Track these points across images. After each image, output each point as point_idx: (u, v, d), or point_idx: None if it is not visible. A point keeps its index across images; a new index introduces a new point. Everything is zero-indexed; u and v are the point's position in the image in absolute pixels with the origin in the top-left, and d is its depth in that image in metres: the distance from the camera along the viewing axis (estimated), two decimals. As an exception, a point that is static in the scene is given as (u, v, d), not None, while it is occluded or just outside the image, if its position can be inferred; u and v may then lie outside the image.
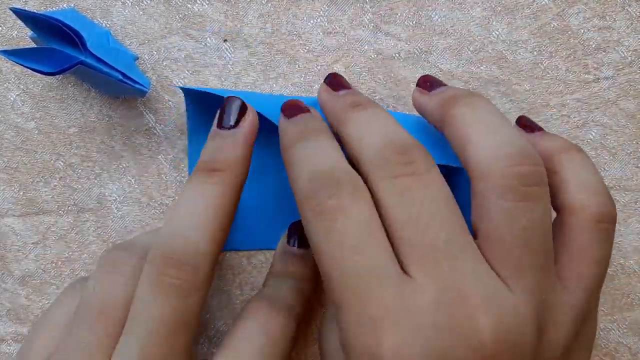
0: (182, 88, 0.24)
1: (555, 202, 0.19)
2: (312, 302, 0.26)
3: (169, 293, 0.18)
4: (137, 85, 0.23)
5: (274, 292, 0.23)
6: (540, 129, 0.22)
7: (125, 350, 0.19)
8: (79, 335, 0.19)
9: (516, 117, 0.24)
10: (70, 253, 0.26)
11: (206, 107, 0.25)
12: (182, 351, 0.19)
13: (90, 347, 0.19)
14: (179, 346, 0.19)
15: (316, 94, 0.25)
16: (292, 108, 0.21)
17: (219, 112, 0.21)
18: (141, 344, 0.18)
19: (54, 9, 0.25)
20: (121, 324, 0.19)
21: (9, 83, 0.26)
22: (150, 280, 0.19)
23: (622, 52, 0.25)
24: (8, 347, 0.27)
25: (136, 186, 0.26)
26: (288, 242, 0.24)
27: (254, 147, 0.20)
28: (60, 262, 0.26)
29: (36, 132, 0.26)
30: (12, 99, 0.26)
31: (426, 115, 0.21)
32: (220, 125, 0.20)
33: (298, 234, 0.24)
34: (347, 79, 0.25)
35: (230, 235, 0.26)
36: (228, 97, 0.21)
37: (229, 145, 0.20)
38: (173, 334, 0.19)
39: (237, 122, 0.20)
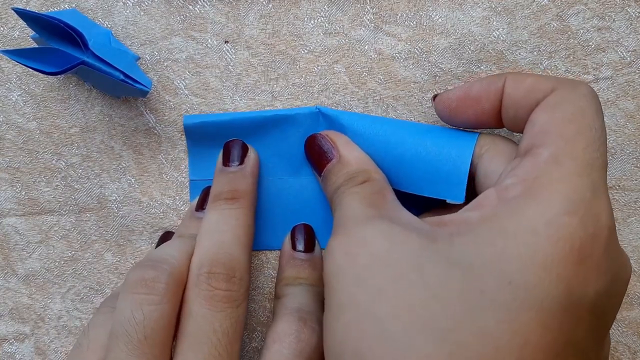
0: (185, 126, 0.25)
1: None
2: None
3: (224, 305, 0.20)
4: (138, 85, 0.23)
5: (297, 303, 0.23)
6: None
7: None
8: None
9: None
10: (73, 252, 0.26)
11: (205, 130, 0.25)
12: (238, 358, 0.20)
13: None
14: (236, 353, 0.20)
15: (316, 94, 0.25)
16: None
17: (222, 154, 0.24)
18: (205, 358, 0.19)
19: (56, 9, 0.26)
20: (167, 345, 0.20)
21: (10, 83, 0.26)
22: (204, 296, 0.20)
23: (621, 52, 0.25)
24: (10, 347, 0.27)
25: (137, 186, 0.26)
26: (294, 248, 0.25)
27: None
28: (63, 262, 0.27)
29: (38, 132, 0.26)
30: (13, 99, 0.26)
31: None
32: (226, 165, 0.24)
33: (304, 238, 0.25)
34: (347, 79, 0.25)
35: None
36: (228, 141, 0.24)
37: (240, 178, 0.23)
38: (231, 342, 0.20)
39: (242, 160, 0.24)
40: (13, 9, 0.22)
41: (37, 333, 0.27)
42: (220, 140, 0.25)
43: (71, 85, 0.26)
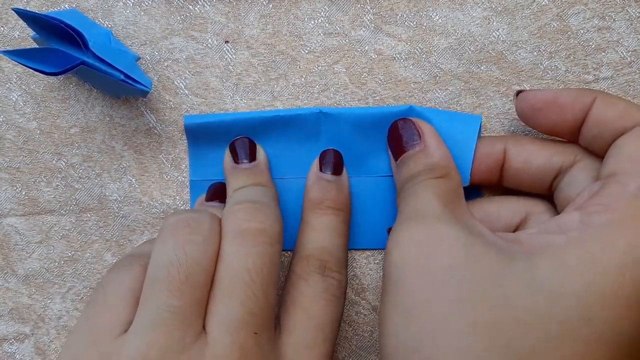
0: (186, 126, 0.25)
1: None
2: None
3: (257, 240, 0.19)
4: (138, 85, 0.23)
5: (321, 239, 0.23)
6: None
7: (223, 310, 0.18)
8: (165, 303, 0.18)
9: (517, 117, 0.24)
10: (73, 252, 0.26)
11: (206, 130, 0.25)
12: (274, 303, 0.19)
13: (182, 313, 0.18)
14: (272, 296, 0.19)
15: (317, 95, 0.25)
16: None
17: (230, 152, 0.24)
18: (241, 300, 0.18)
19: (56, 9, 0.26)
20: (206, 290, 0.19)
21: (11, 83, 0.26)
22: (236, 231, 0.19)
23: (621, 52, 0.25)
24: (10, 347, 0.27)
25: (137, 186, 0.26)
26: (321, 170, 0.24)
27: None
28: (63, 262, 0.27)
29: (38, 132, 0.26)
30: (14, 99, 0.26)
31: None
32: (237, 162, 0.24)
33: (332, 162, 0.24)
34: (347, 79, 0.25)
35: None
36: (235, 139, 0.24)
37: (257, 172, 0.24)
38: (267, 283, 0.19)
39: (250, 156, 0.24)
40: (13, 9, 0.22)
41: (37, 333, 0.27)
42: (220, 140, 0.25)
43: (71, 86, 0.26)
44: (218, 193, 0.25)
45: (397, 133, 0.23)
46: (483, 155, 0.23)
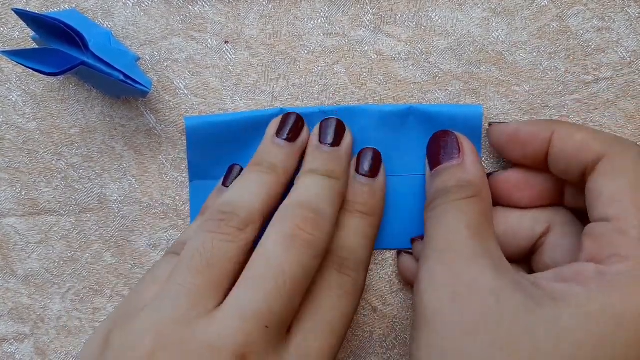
0: (187, 128, 0.25)
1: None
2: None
3: (303, 249, 0.20)
4: (138, 86, 0.23)
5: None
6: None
7: (245, 297, 0.19)
8: (185, 281, 0.19)
9: (517, 118, 0.24)
10: (73, 253, 0.26)
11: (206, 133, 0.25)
12: (296, 309, 0.20)
13: (197, 292, 0.19)
14: (297, 305, 0.20)
15: (316, 95, 0.25)
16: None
17: (318, 128, 0.24)
18: (266, 295, 0.19)
19: (56, 9, 0.26)
20: (229, 277, 0.19)
21: (10, 84, 0.26)
22: (284, 233, 0.20)
23: (621, 53, 0.25)
24: (10, 347, 0.27)
25: (137, 186, 0.26)
26: (357, 170, 0.24)
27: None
28: (62, 262, 0.27)
29: (38, 132, 0.26)
30: (13, 99, 0.26)
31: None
32: (320, 142, 0.24)
33: (369, 162, 0.24)
34: (347, 79, 0.25)
35: None
36: (327, 118, 0.24)
37: (334, 160, 0.23)
38: (296, 291, 0.19)
39: (334, 140, 0.24)
40: (13, 9, 0.22)
41: (37, 333, 0.27)
42: (220, 141, 0.25)
43: (71, 86, 0.26)
44: (232, 176, 0.25)
45: (438, 144, 0.23)
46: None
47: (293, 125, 0.24)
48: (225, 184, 0.25)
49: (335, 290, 0.21)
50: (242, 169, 0.25)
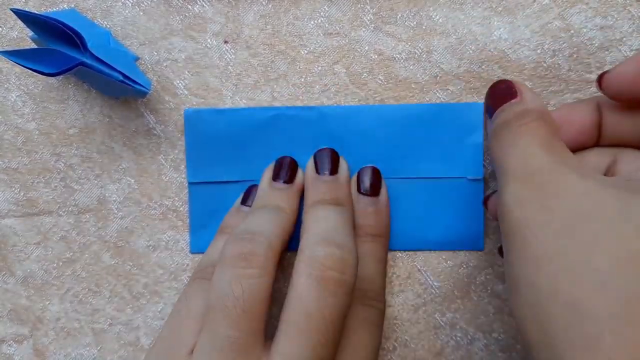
0: (186, 117, 0.25)
1: None
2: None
3: (336, 289, 0.20)
4: (137, 86, 0.23)
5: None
6: None
7: (291, 350, 0.19)
8: (224, 333, 0.19)
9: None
10: (71, 254, 0.26)
11: (205, 125, 0.25)
12: (336, 346, 0.20)
13: (240, 343, 0.19)
14: (338, 342, 0.20)
15: (317, 95, 0.25)
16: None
17: (313, 161, 0.24)
18: (313, 345, 0.19)
19: (55, 9, 0.25)
20: (264, 317, 0.20)
21: (9, 84, 0.26)
22: (315, 277, 0.20)
23: (624, 51, 0.24)
24: (9, 348, 0.27)
25: (136, 187, 0.26)
26: (358, 190, 0.24)
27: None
28: (61, 263, 0.26)
29: (36, 132, 0.26)
30: (12, 99, 0.26)
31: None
32: (318, 172, 0.24)
33: (369, 181, 0.24)
34: (348, 79, 0.25)
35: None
36: (320, 149, 0.25)
37: (336, 188, 0.24)
38: (337, 331, 0.20)
39: (332, 168, 0.24)
40: (11, 9, 0.22)
41: (36, 334, 0.27)
42: (218, 141, 0.25)
43: (70, 86, 0.26)
44: (252, 196, 0.25)
45: (496, 89, 0.22)
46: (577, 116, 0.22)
47: (288, 167, 0.24)
48: (244, 203, 0.25)
49: (367, 326, 0.22)
50: (256, 186, 0.25)
